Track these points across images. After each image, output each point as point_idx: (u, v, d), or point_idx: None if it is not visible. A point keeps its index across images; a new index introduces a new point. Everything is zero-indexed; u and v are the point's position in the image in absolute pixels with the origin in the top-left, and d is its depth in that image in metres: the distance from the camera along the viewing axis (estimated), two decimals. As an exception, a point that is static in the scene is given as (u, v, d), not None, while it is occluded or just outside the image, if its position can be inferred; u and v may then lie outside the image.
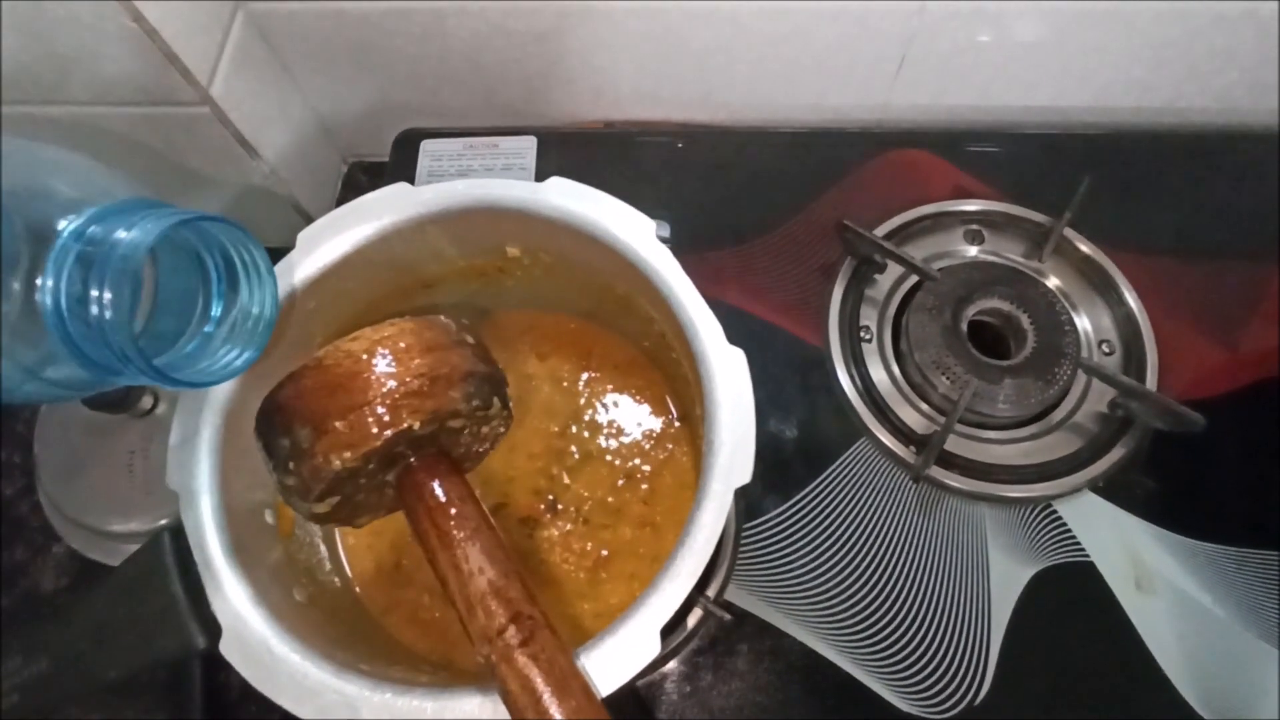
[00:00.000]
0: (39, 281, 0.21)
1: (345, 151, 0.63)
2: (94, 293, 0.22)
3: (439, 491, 0.27)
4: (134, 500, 0.46)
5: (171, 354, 0.26)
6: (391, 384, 0.25)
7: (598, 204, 0.32)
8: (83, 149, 0.47)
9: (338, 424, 0.25)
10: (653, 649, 0.25)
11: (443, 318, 0.29)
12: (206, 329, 0.26)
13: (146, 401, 0.47)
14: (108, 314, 0.22)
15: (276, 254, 0.32)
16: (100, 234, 0.22)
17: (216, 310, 0.26)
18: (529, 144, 0.54)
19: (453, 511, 0.27)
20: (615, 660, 0.25)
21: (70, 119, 0.47)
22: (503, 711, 0.25)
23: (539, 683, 0.23)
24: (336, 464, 0.25)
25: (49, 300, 0.21)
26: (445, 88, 0.56)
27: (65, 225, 0.22)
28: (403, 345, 0.26)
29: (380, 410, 0.25)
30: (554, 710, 0.23)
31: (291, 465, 0.26)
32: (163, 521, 0.45)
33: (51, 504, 0.48)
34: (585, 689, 0.24)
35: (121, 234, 0.22)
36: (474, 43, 0.52)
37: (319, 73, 0.54)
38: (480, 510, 0.27)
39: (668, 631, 0.26)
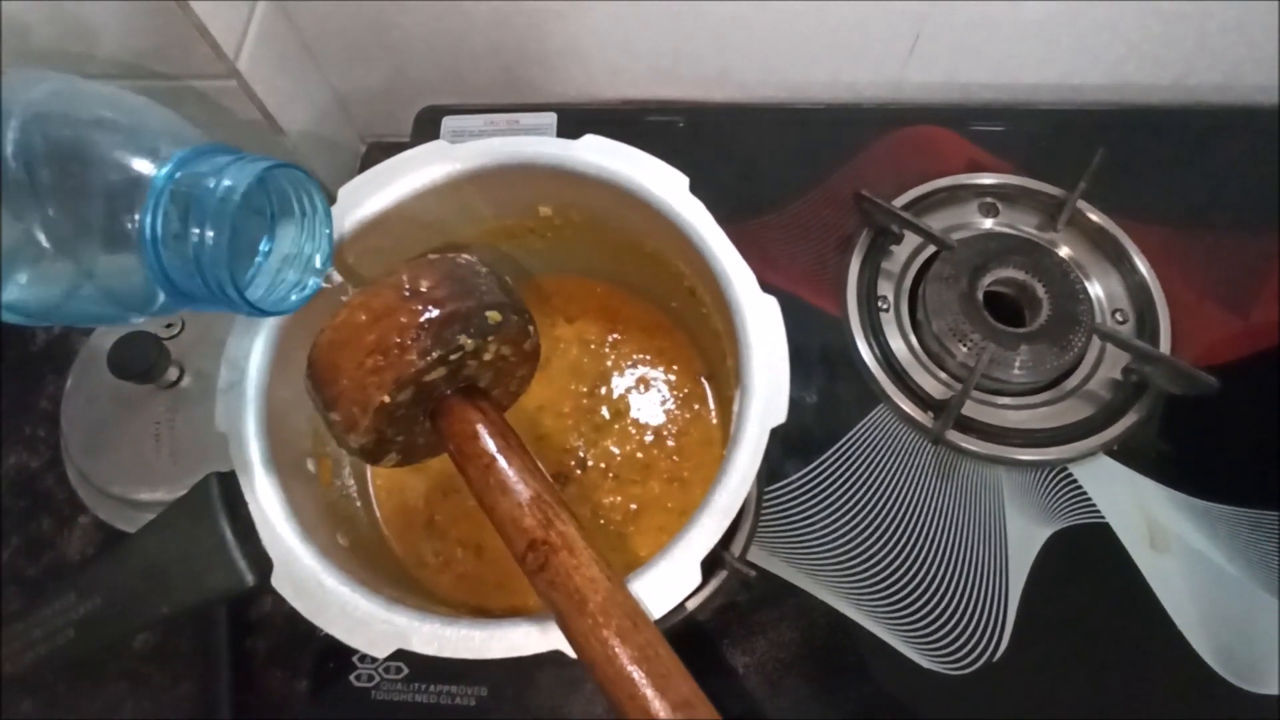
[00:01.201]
0: (136, 216, 0.23)
1: (364, 131, 0.63)
2: (194, 229, 0.23)
3: (473, 416, 0.28)
4: (161, 470, 0.46)
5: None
6: (423, 315, 0.26)
7: (631, 159, 0.32)
8: None
9: (377, 358, 0.26)
10: (693, 579, 0.26)
11: (465, 255, 0.30)
12: (258, 260, 0.28)
13: (172, 373, 0.48)
14: (207, 249, 0.24)
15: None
16: (187, 176, 0.24)
17: (266, 246, 0.28)
18: (549, 120, 0.55)
19: (483, 433, 0.28)
20: (658, 590, 0.26)
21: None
22: (549, 641, 0.26)
23: (567, 598, 0.25)
24: (376, 398, 0.26)
25: (148, 231, 0.23)
26: (464, 65, 0.56)
27: (156, 167, 0.24)
28: (429, 279, 0.27)
29: (412, 340, 0.26)
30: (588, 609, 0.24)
31: (338, 402, 0.26)
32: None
33: (79, 475, 0.48)
34: (619, 604, 0.25)
35: (216, 178, 0.24)
36: (493, 19, 0.52)
37: (339, 50, 0.55)
38: (508, 436, 0.28)
39: (705, 569, 0.26)
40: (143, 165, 0.23)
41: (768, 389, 0.28)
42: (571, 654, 0.24)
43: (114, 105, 0.25)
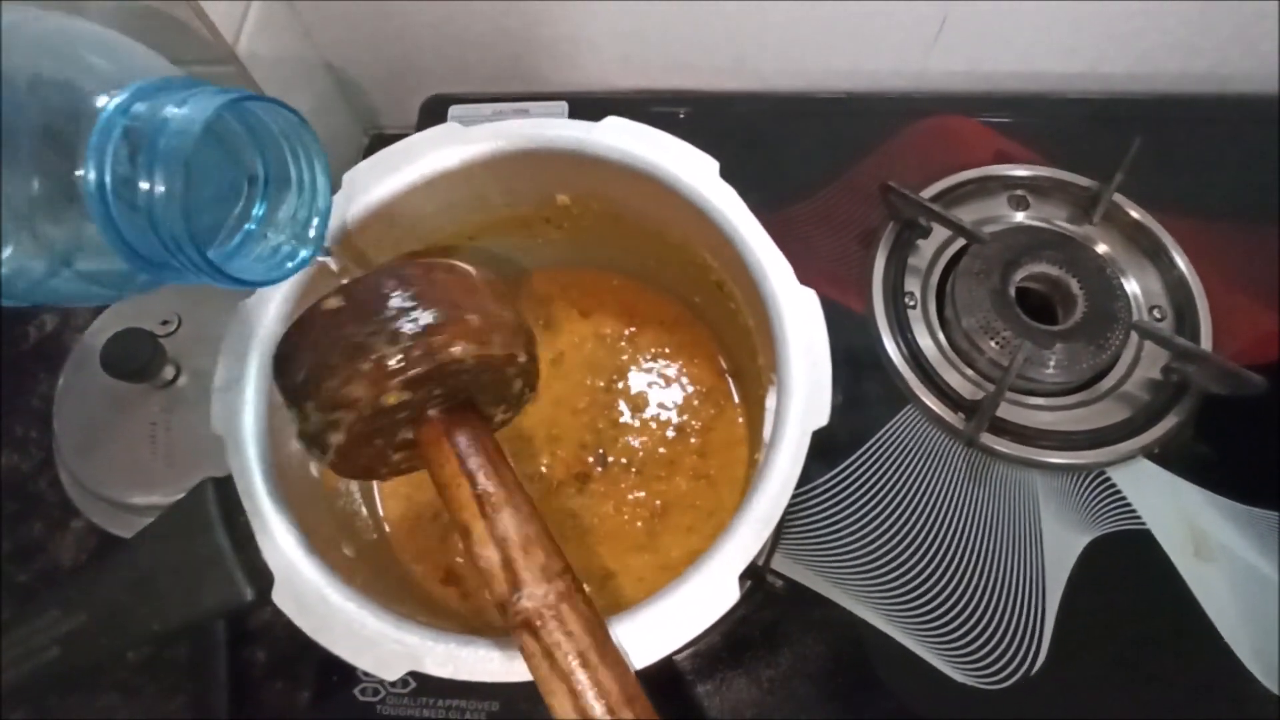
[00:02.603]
0: (80, 162, 0.19)
1: (366, 123, 0.61)
2: (143, 174, 0.19)
3: (461, 443, 0.25)
4: (156, 472, 0.45)
5: (215, 250, 0.23)
6: (411, 324, 0.23)
7: (657, 143, 0.30)
8: None
9: (362, 365, 0.23)
10: (731, 595, 0.24)
11: (462, 263, 0.27)
12: (248, 226, 0.24)
13: (168, 372, 0.46)
14: (158, 196, 0.19)
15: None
16: (147, 111, 0.20)
17: (259, 210, 0.24)
18: (560, 108, 0.53)
19: (471, 467, 0.24)
20: (692, 607, 0.24)
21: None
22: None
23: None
24: (360, 405, 0.23)
25: (92, 178, 0.19)
26: (470, 53, 0.55)
27: (108, 101, 0.19)
28: (422, 285, 0.24)
29: (397, 357, 0.23)
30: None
31: (308, 408, 0.24)
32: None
33: (71, 477, 0.47)
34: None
35: (172, 110, 0.20)
36: (500, 6, 0.51)
37: (341, 36, 0.53)
38: (499, 471, 0.25)
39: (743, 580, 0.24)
40: (94, 100, 0.19)
41: (808, 388, 0.26)
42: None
43: (57, 36, 0.20)
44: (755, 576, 0.37)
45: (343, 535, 0.30)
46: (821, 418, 0.26)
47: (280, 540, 0.26)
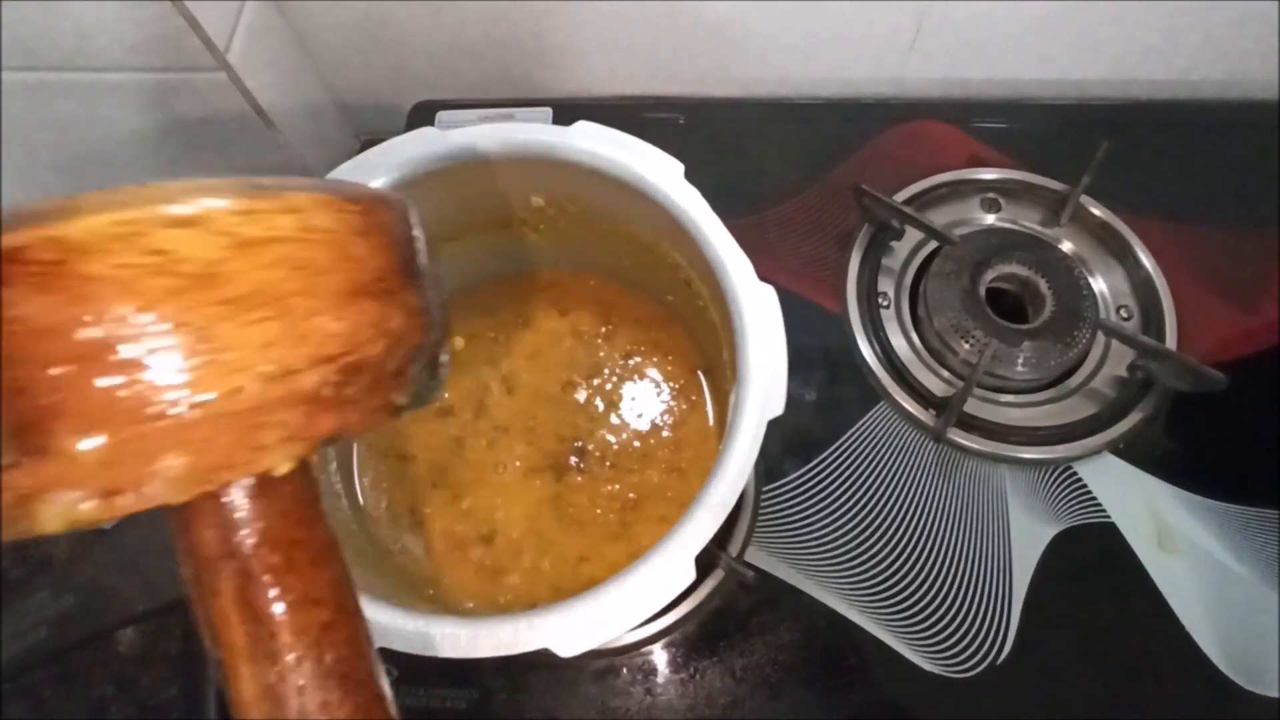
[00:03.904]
0: None
1: (358, 129, 0.63)
2: None
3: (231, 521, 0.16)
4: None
5: None
6: (212, 388, 0.14)
7: (625, 147, 0.32)
8: (99, 117, 0.48)
9: (67, 442, 0.14)
10: (688, 575, 0.25)
11: (370, 187, 0.19)
12: None
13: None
14: None
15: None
16: None
17: None
18: (545, 114, 0.54)
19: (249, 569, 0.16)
20: (651, 587, 0.25)
21: (88, 86, 0.47)
22: (537, 639, 0.25)
23: None
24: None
25: None
26: (460, 61, 0.56)
27: None
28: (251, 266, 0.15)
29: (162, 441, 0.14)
30: None
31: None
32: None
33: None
34: None
35: None
36: (490, 14, 0.52)
37: (333, 44, 0.54)
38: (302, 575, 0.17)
39: (700, 569, 0.25)
40: None
41: (765, 379, 0.27)
42: (562, 652, 0.24)
43: None
44: (728, 568, 0.38)
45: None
46: (777, 407, 0.27)
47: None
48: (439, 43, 0.54)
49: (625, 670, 0.40)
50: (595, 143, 0.32)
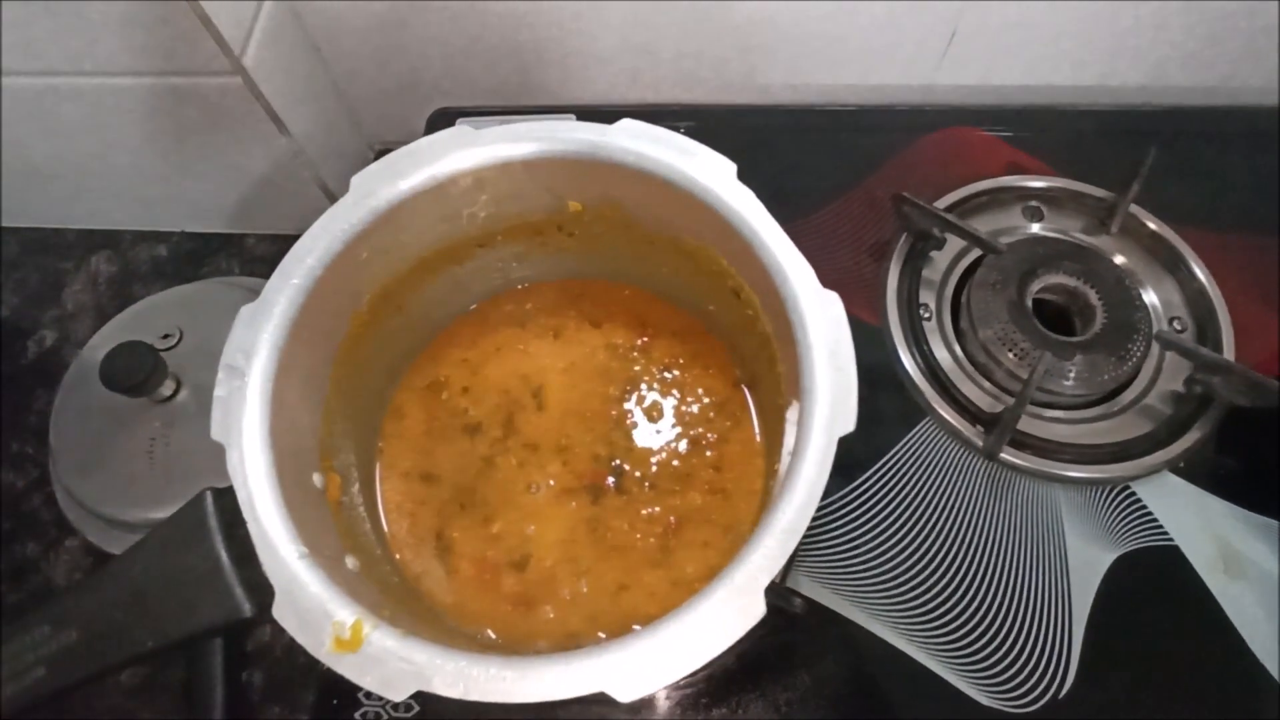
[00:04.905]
0: None
1: (372, 138, 0.61)
2: None
3: None
4: (155, 488, 0.44)
5: None
6: None
7: (673, 145, 0.30)
8: (105, 123, 0.46)
9: None
10: (757, 610, 0.22)
11: None
12: None
13: (169, 386, 0.45)
14: None
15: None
16: None
17: None
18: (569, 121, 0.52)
19: None
20: (716, 623, 0.22)
21: (97, 91, 0.45)
22: (589, 684, 0.22)
23: None
24: None
25: None
26: (478, 68, 0.54)
27: None
28: None
29: None
30: None
31: None
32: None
33: (67, 495, 0.46)
34: None
35: None
36: (509, 20, 0.50)
37: (349, 50, 0.53)
38: None
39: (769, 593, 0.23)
40: None
41: (833, 393, 0.25)
42: (620, 697, 0.21)
43: None
44: (771, 595, 0.36)
45: (347, 548, 0.29)
46: (848, 424, 0.25)
47: (282, 552, 0.24)
48: (457, 49, 0.53)
49: (663, 703, 0.37)
50: (640, 141, 0.30)
